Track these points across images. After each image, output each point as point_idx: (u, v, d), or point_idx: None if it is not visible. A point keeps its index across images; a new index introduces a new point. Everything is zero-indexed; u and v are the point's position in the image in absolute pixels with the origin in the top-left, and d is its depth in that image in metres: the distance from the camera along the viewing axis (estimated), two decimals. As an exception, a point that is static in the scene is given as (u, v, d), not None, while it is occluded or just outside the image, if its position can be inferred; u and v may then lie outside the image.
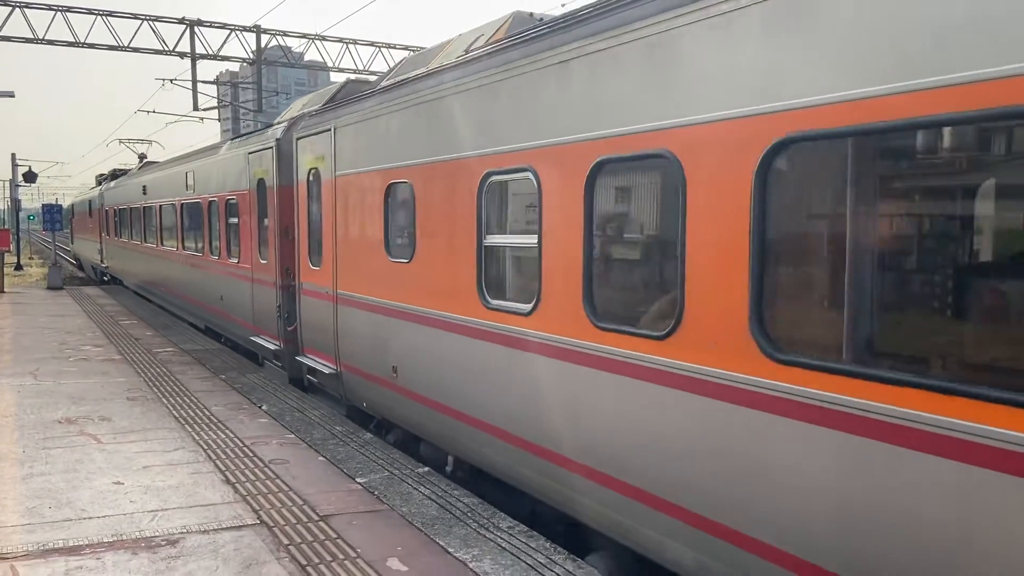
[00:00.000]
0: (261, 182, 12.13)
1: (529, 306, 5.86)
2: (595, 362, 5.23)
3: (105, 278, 30.44)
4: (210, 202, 15.04)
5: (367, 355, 8.67)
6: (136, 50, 29.40)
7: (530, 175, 5.85)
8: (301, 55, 34.97)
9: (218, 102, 32.50)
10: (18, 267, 42.74)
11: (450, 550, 5.54)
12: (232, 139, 15.33)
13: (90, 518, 6.06)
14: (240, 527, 5.94)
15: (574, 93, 5.42)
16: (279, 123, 12.28)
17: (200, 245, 15.89)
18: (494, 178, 6.36)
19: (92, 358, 12.99)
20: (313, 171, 10.13)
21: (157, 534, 5.78)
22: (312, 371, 10.20)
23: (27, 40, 27.88)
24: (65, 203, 59.00)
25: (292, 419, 9.10)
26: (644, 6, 4.84)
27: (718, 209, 4.29)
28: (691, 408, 4.49)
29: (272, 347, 11.59)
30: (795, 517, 3.87)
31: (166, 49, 29.49)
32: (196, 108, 30.59)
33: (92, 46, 28.81)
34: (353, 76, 12.70)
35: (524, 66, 5.94)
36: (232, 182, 13.67)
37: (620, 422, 5.04)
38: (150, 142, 36.50)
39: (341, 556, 5.42)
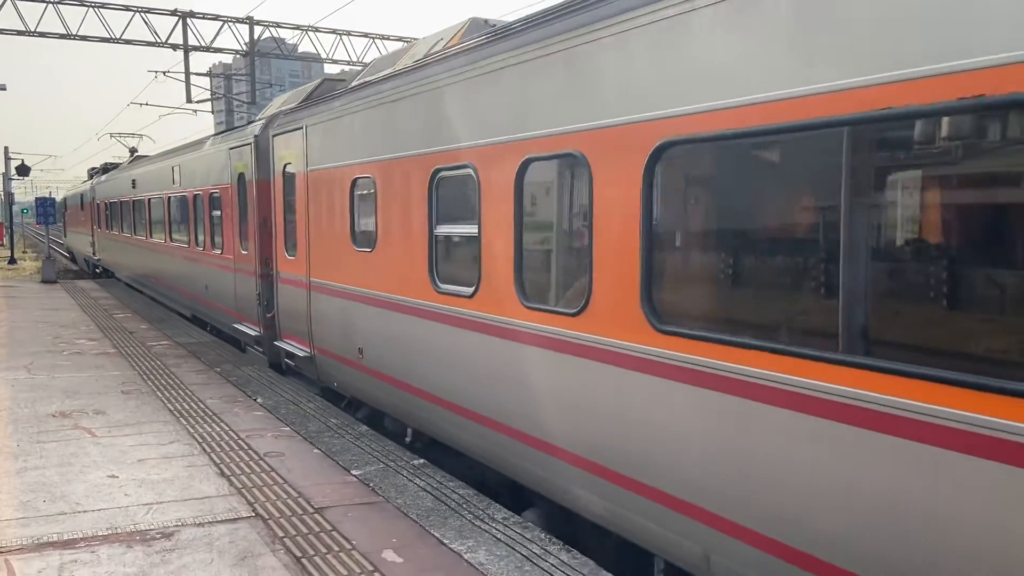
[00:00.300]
0: (241, 176, 12.70)
1: (471, 289, 6.50)
2: (524, 338, 5.89)
3: (97, 270, 30.90)
4: (195, 195, 15.62)
5: (337, 339, 9.31)
6: (128, 42, 29.25)
7: (471, 171, 6.47)
8: (295, 47, 34.87)
9: (211, 94, 32.36)
10: (12, 261, 42.61)
11: (445, 541, 5.54)
12: (215, 135, 15.78)
13: (85, 511, 6.06)
14: (235, 520, 5.94)
15: (508, 97, 6.07)
16: (258, 120, 12.83)
17: (186, 237, 16.45)
18: (443, 174, 7.00)
19: (86, 352, 12.96)
20: (288, 166, 10.80)
21: (152, 527, 5.78)
22: (289, 355, 10.82)
23: (19, 32, 27.74)
24: (59, 196, 58.81)
25: (287, 412, 9.10)
26: (553, 24, 5.58)
27: (616, 203, 4.96)
28: (599, 374, 5.16)
29: (253, 333, 12.13)
30: (673, 461, 4.66)
31: (158, 41, 29.35)
32: (189, 100, 30.48)
33: (84, 38, 28.65)
34: (329, 75, 13.16)
35: (467, 72, 6.59)
36: (215, 176, 14.25)
37: (544, 389, 5.69)
38: (141, 136, 37.09)
39: (336, 548, 5.43)
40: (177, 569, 5.10)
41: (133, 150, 34.29)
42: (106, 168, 30.83)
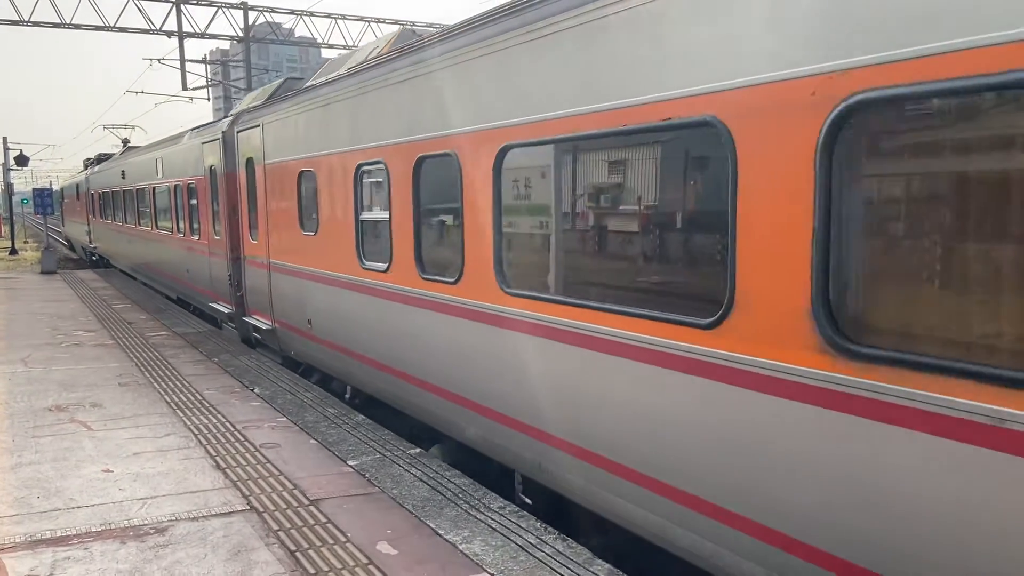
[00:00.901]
0: (212, 169, 13.88)
1: (386, 265, 7.80)
2: (422, 303, 7.25)
3: (94, 258, 31.98)
4: (175, 186, 16.86)
5: (292, 312, 10.66)
6: (123, 30, 29.07)
7: (383, 166, 7.71)
8: (290, 31, 34.56)
9: (207, 81, 32.18)
10: (13, 251, 42.56)
11: (440, 532, 5.51)
12: (192, 129, 16.61)
13: (79, 507, 6.03)
14: (230, 513, 5.91)
15: (406, 105, 7.33)
16: (228, 117, 13.94)
17: (169, 225, 17.66)
18: (364, 167, 8.21)
19: (84, 343, 12.94)
20: (249, 160, 12.02)
21: (146, 522, 5.76)
22: (256, 329, 12.08)
23: (12, 22, 27.54)
24: (57, 186, 58.81)
25: (284, 402, 9.07)
26: (430, 48, 6.92)
27: (483, 190, 6.13)
28: (471, 330, 6.47)
29: (226, 311, 13.53)
30: (535, 398, 5.77)
31: (153, 28, 29.14)
32: (185, 88, 30.31)
33: (78, 27, 28.45)
34: (292, 76, 14.55)
35: (377, 81, 7.83)
36: (191, 169, 15.41)
37: (438, 345, 7.03)
38: (133, 127, 37.86)
39: (331, 541, 5.40)
40: (170, 565, 5.07)
41: (125, 141, 35.34)
42: (100, 159, 31.79)
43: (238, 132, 12.58)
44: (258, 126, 11.53)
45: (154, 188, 19.05)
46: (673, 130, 4.54)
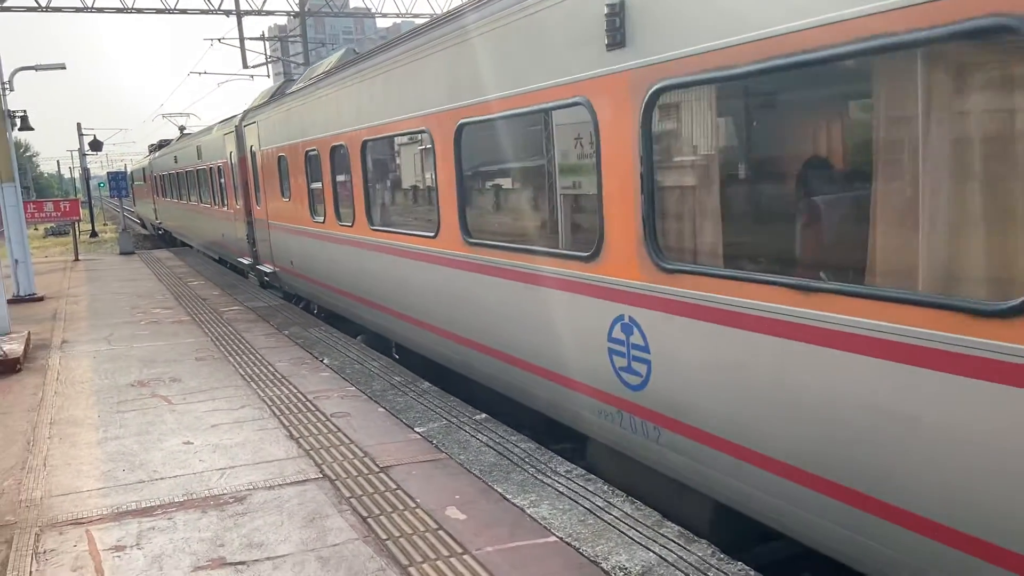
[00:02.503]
0: (231, 153, 17.90)
1: (322, 218, 11.71)
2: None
3: (159, 232, 36.82)
4: (210, 168, 21.14)
5: (281, 257, 14.74)
6: (183, 11, 29.57)
7: (317, 152, 11.52)
8: (346, 2, 34.62)
9: (266, 58, 32.57)
10: (93, 234, 44.18)
11: (508, 496, 5.56)
12: (220, 122, 20.66)
13: (162, 479, 6.29)
14: (303, 481, 6.08)
15: (325, 113, 11.04)
16: (239, 114, 17.72)
17: (209, 199, 21.84)
18: (309, 152, 11.98)
19: (162, 320, 13.40)
20: (252, 147, 16.17)
21: (225, 492, 5.97)
22: (265, 274, 16.25)
23: (77, 10, 28.28)
24: (129, 170, 61.08)
25: (352, 372, 9.24)
26: (347, 69, 10.27)
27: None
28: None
29: (247, 263, 17.77)
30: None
31: (212, 8, 29.58)
32: (245, 66, 30.76)
33: (140, 11, 29.06)
34: (289, 78, 18.18)
35: (320, 91, 11.34)
36: (219, 154, 19.70)
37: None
38: (188, 115, 42.19)
39: (401, 507, 5.51)
40: (249, 532, 5.25)
41: (182, 128, 38.56)
42: (161, 145, 35.99)
43: (244, 126, 16.66)
44: (255, 123, 15.68)
45: (197, 170, 23.24)
46: None
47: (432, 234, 8.01)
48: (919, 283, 3.62)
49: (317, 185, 11.78)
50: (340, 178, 10.77)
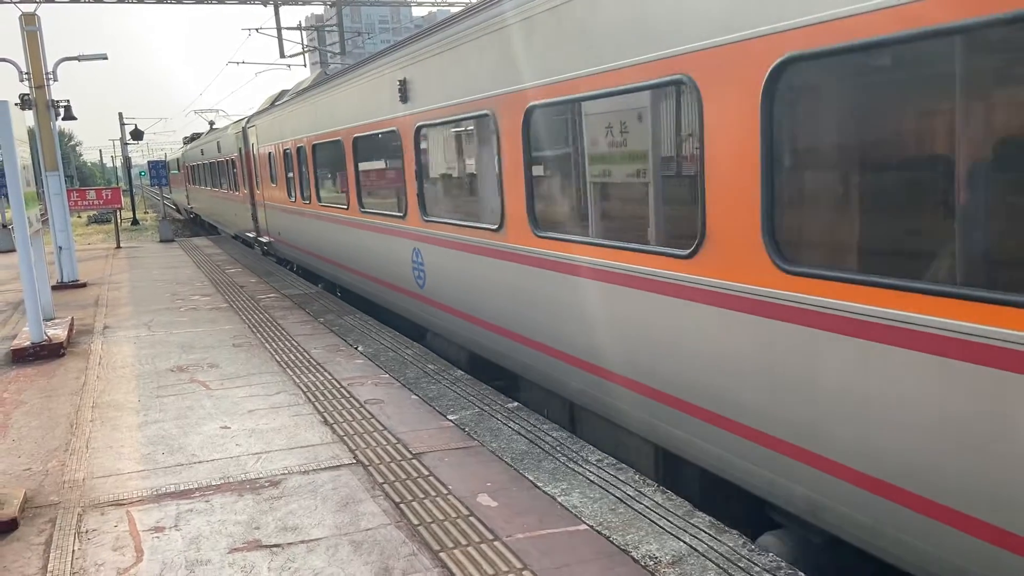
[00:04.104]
0: (240, 149, 22.51)
1: (295, 197, 15.77)
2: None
3: (192, 216, 41.74)
4: (226, 160, 25.87)
5: (273, 229, 19.37)
6: (221, 1, 29.86)
7: (292, 150, 15.33)
8: (381, -8, 34.65)
9: (303, 48, 32.82)
10: (135, 222, 44.98)
11: (539, 484, 5.59)
12: (234, 123, 25.52)
13: (200, 462, 6.41)
14: (337, 467, 6.16)
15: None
16: (245, 118, 22.49)
17: (226, 186, 26.63)
18: (286, 150, 16.08)
19: (201, 307, 13.62)
20: (253, 145, 20.48)
21: (261, 475, 6.07)
22: (264, 244, 20.83)
23: (118, 0, 28.69)
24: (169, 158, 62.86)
25: (386, 359, 9.32)
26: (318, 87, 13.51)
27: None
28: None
29: (252, 236, 22.51)
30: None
31: (249, -1, 29.79)
32: (283, 55, 31.01)
33: (180, 1, 29.39)
34: (285, 89, 20.23)
35: (285, 109, 16.22)
36: (231, 149, 24.29)
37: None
38: (217, 111, 46.08)
39: (433, 493, 5.56)
40: (284, 516, 5.34)
41: (211, 123, 42.24)
42: (193, 138, 40.73)
43: (247, 128, 21.17)
44: (253, 126, 20.25)
45: (217, 162, 28.12)
46: None
47: (345, 206, 12.47)
48: None
49: (291, 175, 16.13)
50: (303, 169, 14.96)
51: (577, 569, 4.46)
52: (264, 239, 20.47)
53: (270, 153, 17.90)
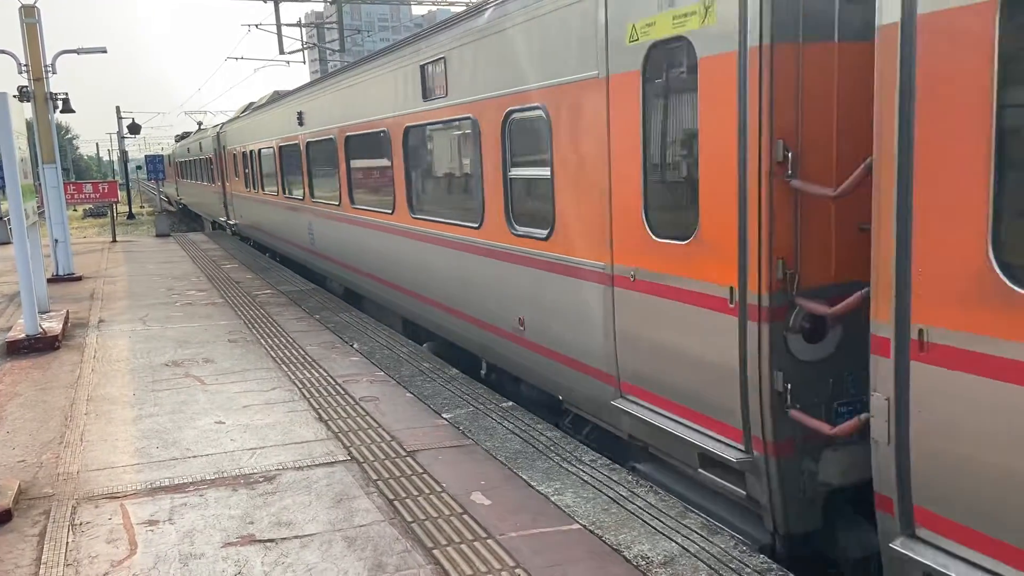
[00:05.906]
0: (215, 150, 26.58)
1: (272, 190, 18.22)
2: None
3: (181, 205, 45.38)
4: (206, 158, 30.06)
5: (237, 214, 24.22)
6: (221, -3, 29.86)
7: (256, 153, 19.69)
8: (381, -10, 34.67)
9: (302, 44, 32.82)
10: (131, 216, 44.94)
11: (532, 483, 5.61)
12: (213, 126, 30.44)
13: (194, 456, 6.42)
14: (332, 463, 6.18)
15: (263, 126, 18.62)
16: (220, 123, 27.68)
17: (207, 180, 30.64)
18: (251, 151, 20.28)
19: (196, 302, 13.62)
20: (225, 146, 24.59)
21: (255, 471, 6.09)
22: (233, 226, 25.33)
23: (119, -5, 28.67)
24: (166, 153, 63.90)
25: (382, 357, 9.34)
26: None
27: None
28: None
29: (222, 220, 27.13)
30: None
31: (249, -6, 29.79)
32: (282, 52, 31.01)
33: (179, -3, 29.38)
34: (252, 102, 23.36)
35: (242, 121, 22.16)
36: (210, 149, 28.13)
37: (284, 224, 17.74)
38: (205, 112, 50.07)
39: (427, 490, 5.58)
40: (278, 511, 5.36)
41: (200, 123, 46.16)
42: (183, 136, 44.53)
43: (220, 132, 25.56)
44: (225, 131, 24.62)
45: (199, 159, 32.43)
46: None
47: (300, 196, 15.48)
48: None
49: (247, 171, 20.92)
50: (255, 167, 19.83)
51: (569, 568, 4.49)
52: (232, 222, 25.69)
53: (234, 154, 22.95)
